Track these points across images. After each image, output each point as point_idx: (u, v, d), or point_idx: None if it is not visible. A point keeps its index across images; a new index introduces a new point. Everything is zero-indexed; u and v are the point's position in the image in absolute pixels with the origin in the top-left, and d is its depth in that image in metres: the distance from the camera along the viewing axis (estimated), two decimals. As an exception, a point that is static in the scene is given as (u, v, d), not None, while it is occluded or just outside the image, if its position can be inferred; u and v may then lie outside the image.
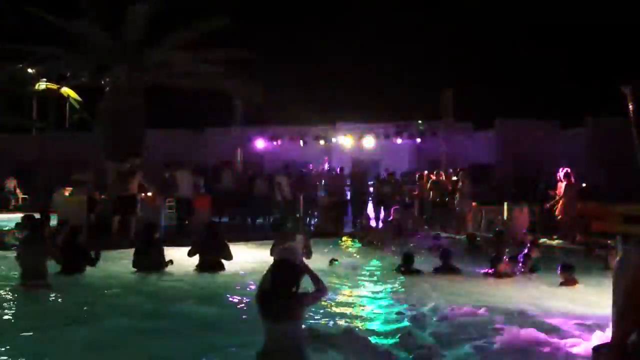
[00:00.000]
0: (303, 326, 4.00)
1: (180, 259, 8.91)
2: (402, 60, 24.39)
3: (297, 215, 14.04)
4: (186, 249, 9.03)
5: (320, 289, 3.96)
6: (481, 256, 10.00)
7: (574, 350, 4.86)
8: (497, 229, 11.29)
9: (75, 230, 8.74)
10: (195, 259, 8.89)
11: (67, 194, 12.68)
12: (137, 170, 12.26)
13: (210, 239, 9.09)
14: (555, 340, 5.07)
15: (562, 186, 11.94)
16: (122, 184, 11.79)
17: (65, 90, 19.95)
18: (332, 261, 9.77)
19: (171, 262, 8.77)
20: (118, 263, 9.11)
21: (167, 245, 9.37)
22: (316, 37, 24.20)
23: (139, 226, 10.45)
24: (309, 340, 4.38)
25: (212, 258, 8.85)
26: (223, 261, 8.90)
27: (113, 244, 10.60)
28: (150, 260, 8.58)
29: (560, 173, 12.07)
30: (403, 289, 7.77)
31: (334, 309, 6.40)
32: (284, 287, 3.74)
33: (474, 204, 13.74)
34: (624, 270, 2.82)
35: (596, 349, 3.84)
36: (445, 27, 24.70)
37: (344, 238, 13.15)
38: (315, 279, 3.98)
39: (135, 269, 8.53)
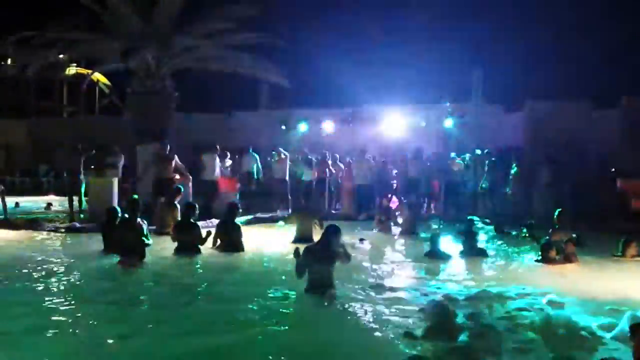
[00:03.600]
0: None
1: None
2: (430, 40, 24.07)
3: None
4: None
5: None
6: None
7: (608, 334, 4.80)
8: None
9: (113, 214, 8.94)
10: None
11: (98, 178, 12.96)
12: (172, 154, 12.41)
13: (228, 221, 9.20)
14: (587, 324, 5.01)
15: None
16: (161, 166, 11.98)
17: (95, 75, 20.19)
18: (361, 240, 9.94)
19: (209, 233, 8.80)
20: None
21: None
22: (343, 19, 24.00)
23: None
24: None
25: (230, 240, 8.94)
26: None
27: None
28: (190, 239, 8.67)
29: None
30: (432, 272, 7.76)
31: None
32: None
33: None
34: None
35: (634, 328, 3.81)
36: (473, 6, 24.23)
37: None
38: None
39: (175, 249, 8.62)
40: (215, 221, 10.41)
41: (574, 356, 4.34)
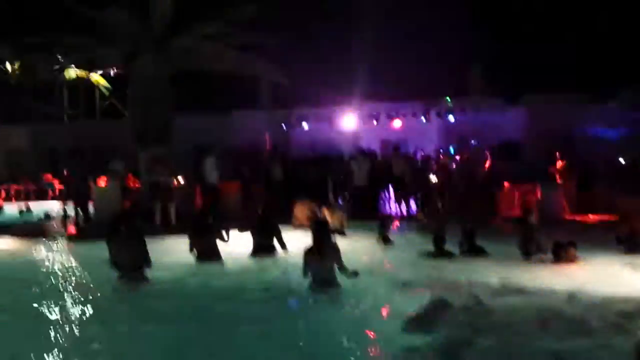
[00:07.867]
0: None
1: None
2: (428, 35, 24.00)
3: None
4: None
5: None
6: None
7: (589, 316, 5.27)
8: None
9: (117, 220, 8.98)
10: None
11: (102, 183, 13.01)
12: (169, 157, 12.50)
13: (262, 222, 9.18)
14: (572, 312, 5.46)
15: None
16: (161, 170, 12.06)
17: (95, 78, 20.24)
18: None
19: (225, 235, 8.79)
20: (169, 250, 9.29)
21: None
22: (342, 17, 23.93)
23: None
24: None
25: (265, 241, 8.96)
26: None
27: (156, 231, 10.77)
28: (205, 245, 8.62)
29: None
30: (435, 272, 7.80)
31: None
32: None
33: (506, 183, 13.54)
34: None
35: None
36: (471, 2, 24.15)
37: None
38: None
39: (191, 254, 8.59)
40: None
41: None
